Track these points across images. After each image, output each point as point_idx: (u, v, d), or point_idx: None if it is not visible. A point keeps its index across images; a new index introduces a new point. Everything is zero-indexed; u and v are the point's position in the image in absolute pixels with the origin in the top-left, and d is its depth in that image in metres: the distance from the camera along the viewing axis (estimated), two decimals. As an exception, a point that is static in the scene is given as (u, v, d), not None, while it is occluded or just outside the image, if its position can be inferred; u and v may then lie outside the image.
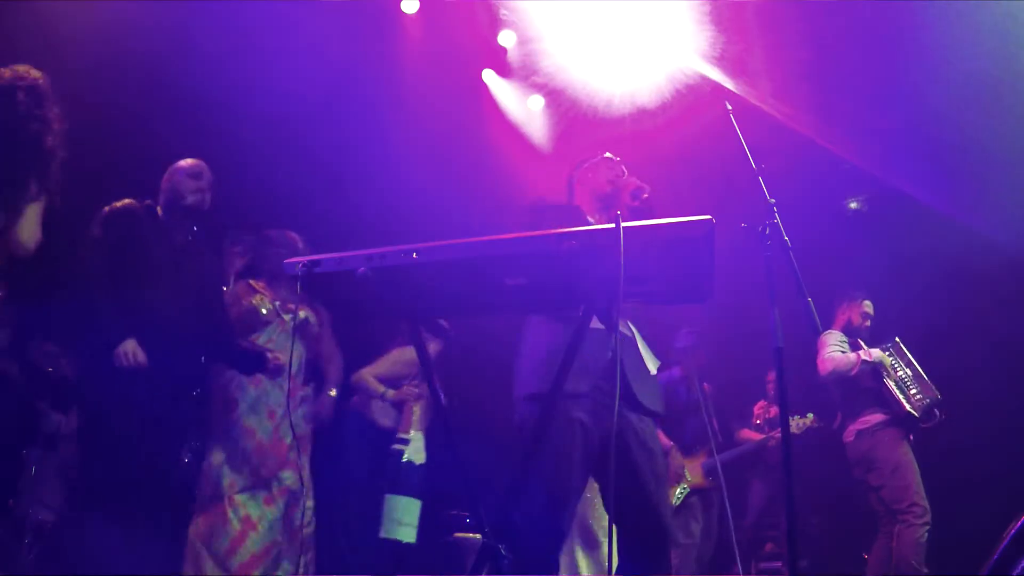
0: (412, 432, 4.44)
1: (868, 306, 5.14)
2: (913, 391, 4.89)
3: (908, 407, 4.78)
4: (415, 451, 4.39)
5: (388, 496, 4.30)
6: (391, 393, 4.57)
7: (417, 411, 4.51)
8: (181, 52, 4.74)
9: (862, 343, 4.98)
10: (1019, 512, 2.00)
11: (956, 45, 4.82)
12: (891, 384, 4.84)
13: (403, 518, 4.23)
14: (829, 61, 5.15)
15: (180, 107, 4.83)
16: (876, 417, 4.84)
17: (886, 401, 4.83)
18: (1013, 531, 1.97)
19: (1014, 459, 4.94)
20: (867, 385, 4.88)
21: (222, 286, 3.85)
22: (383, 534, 4.22)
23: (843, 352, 4.91)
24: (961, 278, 5.61)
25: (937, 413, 4.85)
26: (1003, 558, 1.95)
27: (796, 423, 5.17)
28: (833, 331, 5.05)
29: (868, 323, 5.12)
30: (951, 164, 5.42)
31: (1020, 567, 1.91)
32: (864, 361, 4.82)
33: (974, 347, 5.61)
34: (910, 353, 5.05)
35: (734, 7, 4.76)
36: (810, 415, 5.19)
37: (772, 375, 5.99)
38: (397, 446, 4.41)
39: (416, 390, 4.55)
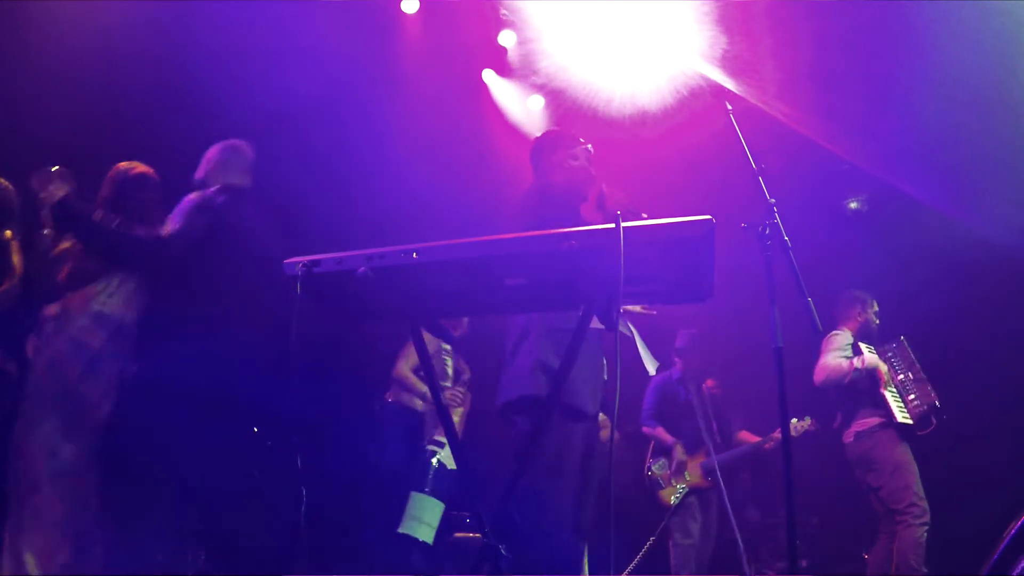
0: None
1: (876, 305, 5.18)
2: (911, 396, 4.88)
3: (901, 417, 4.78)
4: (448, 456, 4.35)
5: (414, 494, 4.29)
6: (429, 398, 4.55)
7: (456, 417, 4.52)
8: (181, 52, 4.74)
9: (863, 347, 4.97)
10: (1019, 512, 2.00)
11: (955, 45, 4.82)
12: (887, 393, 4.84)
13: (424, 517, 4.22)
14: (829, 61, 5.15)
15: (180, 107, 4.83)
16: (874, 419, 4.85)
17: (881, 406, 4.83)
18: (1013, 531, 1.97)
19: (1014, 459, 4.94)
20: (863, 388, 4.88)
21: None
22: (402, 529, 4.21)
23: (844, 358, 4.92)
24: (960, 277, 5.61)
25: (933, 420, 4.84)
26: (1003, 558, 1.95)
27: (795, 426, 5.17)
28: (840, 332, 5.04)
29: (878, 321, 5.14)
30: (950, 164, 5.43)
31: (1020, 567, 1.91)
32: (856, 369, 4.83)
33: (974, 346, 5.61)
34: (913, 354, 5.04)
35: (734, 7, 4.76)
36: (808, 418, 5.19)
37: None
38: (431, 447, 4.40)
39: (459, 395, 4.57)
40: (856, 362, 4.84)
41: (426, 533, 4.20)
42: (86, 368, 3.29)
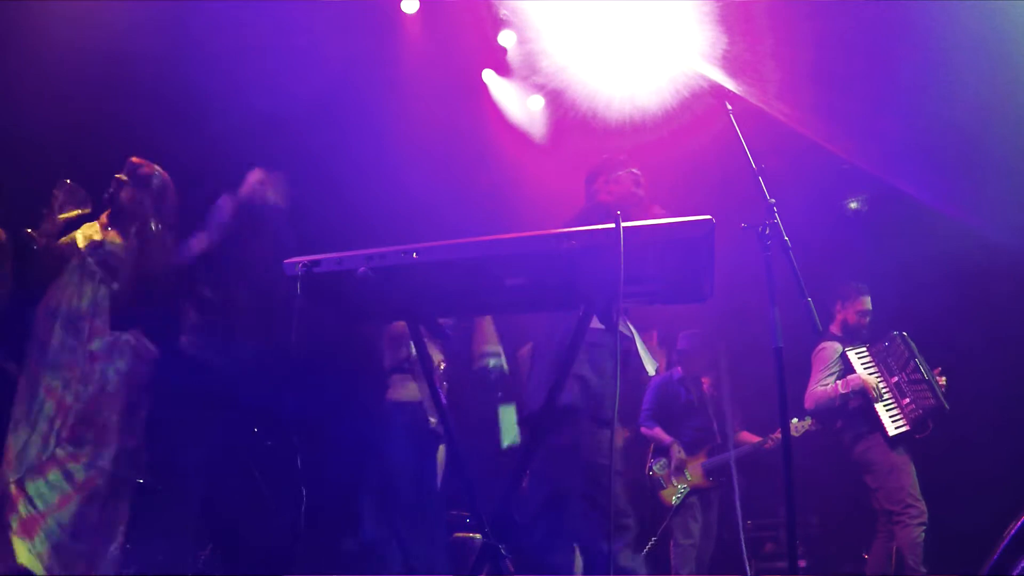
0: (494, 344, 4.46)
1: (865, 303, 5.08)
2: (906, 400, 4.84)
3: (894, 429, 4.77)
4: (503, 361, 4.45)
5: (502, 407, 4.41)
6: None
7: (489, 321, 4.53)
8: (180, 52, 4.74)
9: (851, 356, 4.95)
10: (1019, 512, 2.00)
11: (955, 45, 4.82)
12: (879, 407, 4.83)
13: (514, 423, 4.38)
14: (829, 62, 5.15)
15: (179, 107, 4.83)
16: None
17: (873, 420, 4.83)
18: (1013, 531, 1.97)
19: (1014, 458, 4.93)
20: (855, 406, 4.89)
21: None
22: (505, 444, 4.35)
23: (832, 376, 4.93)
24: (961, 278, 5.60)
25: (930, 424, 4.83)
26: (1003, 558, 1.95)
27: (795, 425, 5.16)
28: (827, 344, 5.03)
29: (866, 320, 5.08)
30: (950, 164, 5.42)
31: (1020, 567, 1.91)
32: (842, 395, 4.84)
33: (974, 346, 5.59)
34: (914, 348, 4.99)
35: (735, 7, 4.76)
36: (808, 418, 5.18)
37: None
38: (489, 360, 4.42)
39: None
40: (840, 387, 4.85)
41: (514, 435, 4.40)
42: (39, 361, 3.35)
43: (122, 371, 3.43)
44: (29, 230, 3.48)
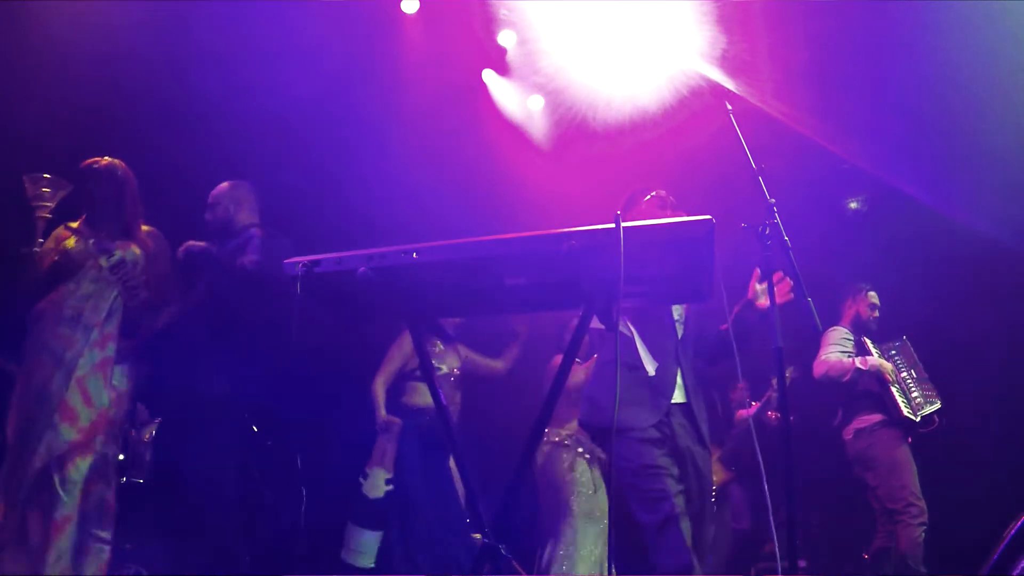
0: (375, 468, 4.55)
1: (874, 296, 5.15)
2: (914, 394, 4.90)
3: (907, 412, 4.79)
4: (373, 487, 4.50)
5: (349, 524, 4.50)
6: (382, 414, 4.60)
7: (388, 448, 4.57)
8: (180, 52, 4.74)
9: (868, 342, 4.97)
10: (1019, 512, 2.00)
11: (955, 45, 4.82)
12: (894, 390, 4.84)
13: (362, 549, 4.44)
14: (829, 61, 5.15)
15: (178, 107, 4.83)
16: (875, 417, 4.85)
17: (885, 405, 4.83)
18: (1013, 531, 1.97)
19: (1014, 459, 4.94)
20: (866, 389, 4.89)
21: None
22: (344, 557, 4.44)
23: (843, 353, 4.92)
24: (961, 277, 5.61)
25: (936, 419, 4.85)
26: (1003, 558, 1.95)
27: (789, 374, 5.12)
28: (839, 328, 5.05)
29: (876, 313, 5.14)
30: (950, 163, 5.42)
31: (1020, 567, 1.91)
32: (858, 369, 4.83)
33: (974, 346, 5.60)
34: (916, 354, 5.05)
35: (734, 7, 4.76)
36: (790, 368, 5.15)
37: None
38: (361, 479, 4.55)
39: (395, 423, 4.57)
40: (858, 362, 4.85)
41: (367, 560, 4.43)
42: (55, 370, 3.28)
43: (131, 376, 3.45)
44: (25, 249, 3.44)
